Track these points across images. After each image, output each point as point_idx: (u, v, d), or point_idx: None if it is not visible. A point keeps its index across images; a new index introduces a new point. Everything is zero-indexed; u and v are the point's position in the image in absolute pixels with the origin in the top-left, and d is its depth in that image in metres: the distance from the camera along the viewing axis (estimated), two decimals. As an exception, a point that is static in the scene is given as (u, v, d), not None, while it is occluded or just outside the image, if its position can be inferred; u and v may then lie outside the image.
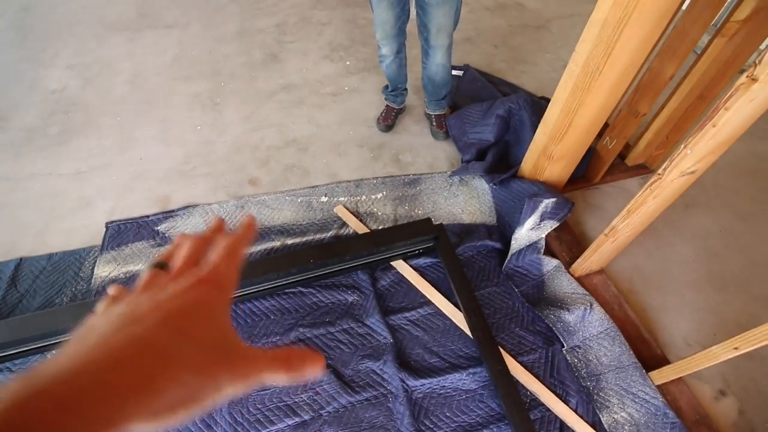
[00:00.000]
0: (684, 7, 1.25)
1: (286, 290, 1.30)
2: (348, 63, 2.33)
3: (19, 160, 1.76)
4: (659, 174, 0.99)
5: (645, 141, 1.67)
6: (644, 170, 1.77)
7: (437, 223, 1.51)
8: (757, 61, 0.77)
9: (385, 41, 1.60)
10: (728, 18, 1.28)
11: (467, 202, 1.60)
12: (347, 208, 1.56)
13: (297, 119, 1.97)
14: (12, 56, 2.34)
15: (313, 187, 1.65)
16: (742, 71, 0.92)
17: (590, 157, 1.63)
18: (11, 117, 1.97)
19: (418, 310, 1.28)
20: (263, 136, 1.87)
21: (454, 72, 2.23)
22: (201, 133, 1.88)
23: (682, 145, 0.93)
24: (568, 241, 1.48)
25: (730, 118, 0.85)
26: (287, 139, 1.86)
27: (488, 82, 2.15)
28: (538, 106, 1.69)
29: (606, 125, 1.61)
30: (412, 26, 1.60)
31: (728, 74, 1.43)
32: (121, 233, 1.45)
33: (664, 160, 1.76)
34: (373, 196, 1.61)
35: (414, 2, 1.48)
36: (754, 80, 0.78)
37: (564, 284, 1.32)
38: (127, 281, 1.33)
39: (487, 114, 1.77)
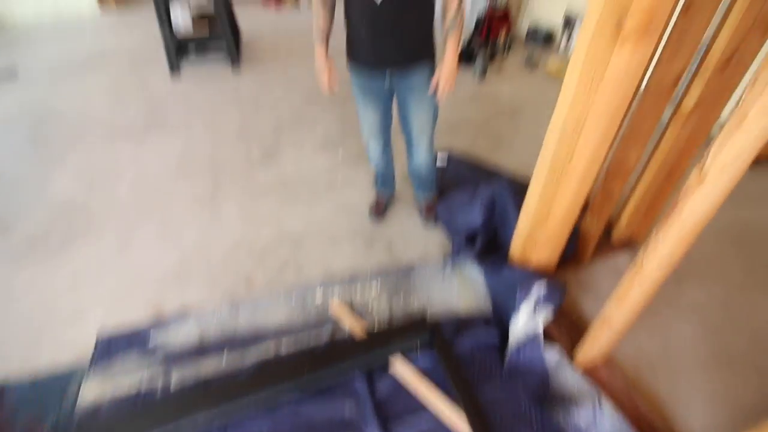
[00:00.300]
0: (634, 104, 1.39)
1: (280, 402, 1.23)
2: (340, 155, 2.49)
3: (16, 271, 1.78)
4: (639, 264, 1.02)
5: (626, 218, 1.74)
6: (631, 245, 1.81)
7: (433, 315, 1.50)
8: (704, 159, 0.83)
9: (372, 141, 1.73)
10: (678, 106, 1.42)
11: (462, 291, 1.61)
12: (342, 304, 1.56)
13: (292, 214, 2.05)
14: (24, 166, 2.49)
15: (307, 284, 1.66)
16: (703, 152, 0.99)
17: (576, 237, 1.68)
18: (15, 225, 2.04)
19: (420, 413, 1.21)
20: (259, 234, 1.93)
21: (438, 160, 2.39)
22: (198, 234, 1.94)
23: (654, 232, 0.98)
24: (567, 326, 1.46)
25: (692, 211, 0.90)
26: (283, 235, 1.92)
27: (471, 168, 2.29)
28: (520, 189, 1.78)
29: (588, 204, 1.69)
30: (397, 121, 1.74)
31: (691, 152, 1.54)
32: (111, 348, 1.41)
33: (648, 234, 1.82)
34: (368, 290, 1.62)
35: (395, 105, 1.64)
36: (705, 177, 0.85)
37: (569, 379, 1.27)
38: (115, 403, 1.27)
39: (473, 199, 1.85)
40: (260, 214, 2.05)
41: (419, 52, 1.44)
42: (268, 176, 2.31)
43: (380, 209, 1.98)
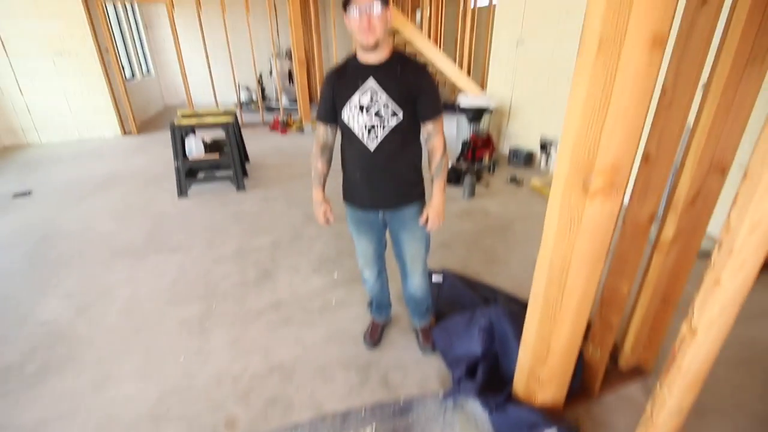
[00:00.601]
0: (616, 239, 1.45)
1: None
2: (336, 275, 2.50)
3: (-19, 411, 1.64)
4: (649, 416, 0.95)
5: (629, 345, 1.68)
6: (640, 373, 1.71)
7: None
8: (691, 315, 0.85)
9: (367, 267, 1.76)
10: (658, 238, 1.48)
11: (463, 432, 1.47)
12: (332, 451, 1.40)
13: (283, 340, 1.97)
14: (17, 285, 2.46)
15: (295, 426, 1.52)
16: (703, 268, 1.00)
17: (581, 369, 1.60)
18: (-7, 354, 1.94)
19: None
20: (247, 364, 1.83)
21: (433, 279, 2.40)
22: (183, 365, 1.84)
23: (658, 385, 0.93)
24: (584, 478, 1.30)
25: (691, 362, 0.88)
26: (272, 364, 1.82)
27: (467, 286, 2.28)
28: (518, 315, 1.75)
29: (588, 335, 1.64)
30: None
31: (681, 276, 1.56)
32: None
33: (655, 360, 1.74)
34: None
35: (389, 235, 1.71)
36: (696, 331, 0.84)
37: None
38: None
39: (470, 325, 1.81)
40: (250, 341, 1.97)
41: (410, 194, 1.54)
42: (262, 299, 2.29)
43: (375, 335, 1.92)
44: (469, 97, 4.86)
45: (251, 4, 6.26)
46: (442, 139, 1.47)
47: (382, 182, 1.49)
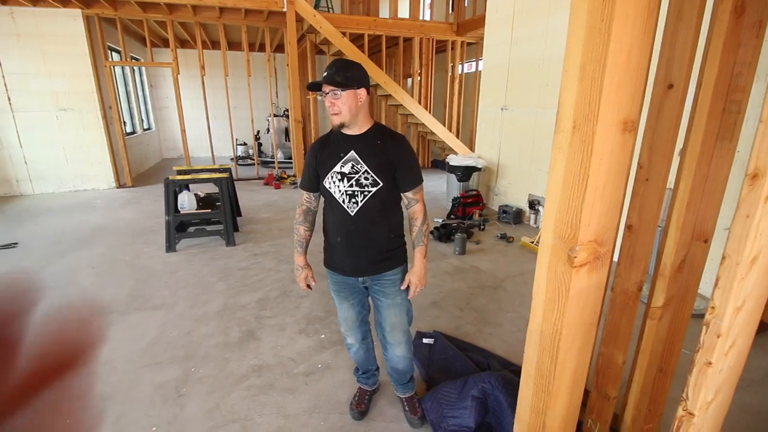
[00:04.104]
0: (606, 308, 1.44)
1: None
2: (323, 336, 2.41)
3: None
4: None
5: (629, 417, 1.60)
6: (643, 449, 1.61)
7: None
8: (685, 399, 0.82)
9: (350, 333, 1.70)
10: (649, 306, 1.47)
11: None
12: None
13: (264, 409, 1.85)
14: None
15: None
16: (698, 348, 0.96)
17: (579, 444, 1.51)
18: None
19: None
20: (224, 437, 1.70)
21: (425, 340, 2.33)
22: (154, 439, 1.70)
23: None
24: None
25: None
26: (250, 438, 1.69)
27: (459, 350, 2.21)
28: (512, 384, 1.68)
29: (585, 408, 1.57)
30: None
31: (676, 345, 1.52)
32: None
33: (657, 434, 1.65)
34: None
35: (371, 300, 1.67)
36: (693, 414, 0.81)
37: None
38: None
39: (462, 394, 1.72)
40: (228, 410, 1.84)
41: (390, 261, 1.52)
42: (244, 362, 2.18)
43: (362, 404, 1.81)
44: (459, 156, 5.05)
45: (252, 68, 6.64)
46: (422, 206, 1.49)
47: (362, 248, 1.48)
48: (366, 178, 1.40)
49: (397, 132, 1.49)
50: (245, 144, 8.78)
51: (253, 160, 7.59)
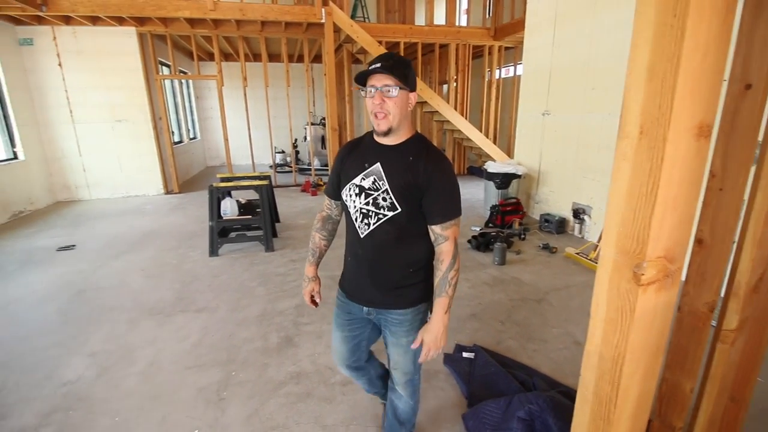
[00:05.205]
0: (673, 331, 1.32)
1: None
2: (359, 345, 2.39)
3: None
4: None
5: (695, 450, 1.45)
6: (711, 487, 1.46)
7: None
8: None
9: (340, 365, 1.50)
10: (719, 328, 1.34)
11: None
12: None
13: (302, 417, 1.85)
14: (45, 341, 2.48)
15: None
16: None
17: (638, 477, 1.39)
18: (11, 414, 1.90)
19: None
20: (263, 444, 1.71)
21: (465, 354, 2.25)
22: (196, 442, 1.73)
23: None
24: None
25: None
26: (289, 447, 1.69)
27: (501, 366, 2.11)
28: (562, 407, 1.58)
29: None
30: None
31: (751, 372, 1.37)
32: None
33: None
34: None
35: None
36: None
37: None
38: None
39: (507, 414, 1.64)
40: (267, 417, 1.85)
41: (399, 298, 1.29)
42: (282, 369, 2.19)
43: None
44: (498, 163, 4.92)
45: (291, 78, 6.83)
46: (453, 246, 1.21)
47: (368, 277, 1.29)
48: (384, 200, 1.19)
49: (439, 150, 1.26)
50: (283, 152, 9.03)
51: (291, 167, 7.78)
